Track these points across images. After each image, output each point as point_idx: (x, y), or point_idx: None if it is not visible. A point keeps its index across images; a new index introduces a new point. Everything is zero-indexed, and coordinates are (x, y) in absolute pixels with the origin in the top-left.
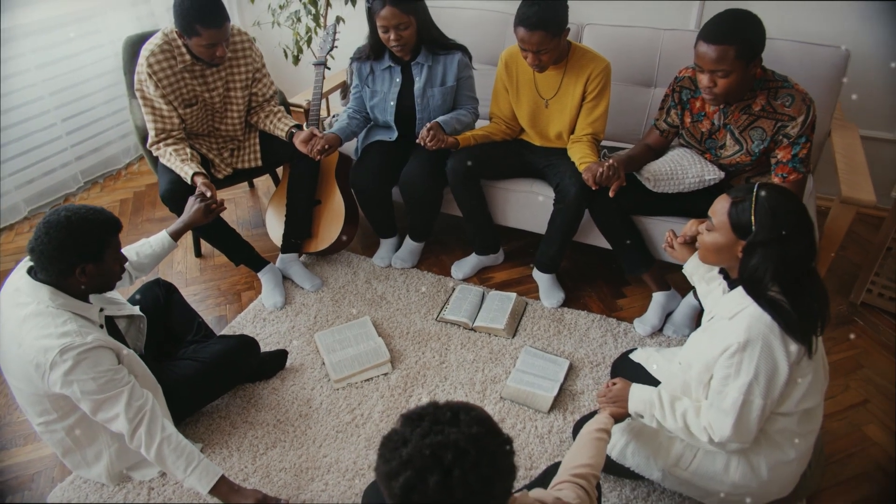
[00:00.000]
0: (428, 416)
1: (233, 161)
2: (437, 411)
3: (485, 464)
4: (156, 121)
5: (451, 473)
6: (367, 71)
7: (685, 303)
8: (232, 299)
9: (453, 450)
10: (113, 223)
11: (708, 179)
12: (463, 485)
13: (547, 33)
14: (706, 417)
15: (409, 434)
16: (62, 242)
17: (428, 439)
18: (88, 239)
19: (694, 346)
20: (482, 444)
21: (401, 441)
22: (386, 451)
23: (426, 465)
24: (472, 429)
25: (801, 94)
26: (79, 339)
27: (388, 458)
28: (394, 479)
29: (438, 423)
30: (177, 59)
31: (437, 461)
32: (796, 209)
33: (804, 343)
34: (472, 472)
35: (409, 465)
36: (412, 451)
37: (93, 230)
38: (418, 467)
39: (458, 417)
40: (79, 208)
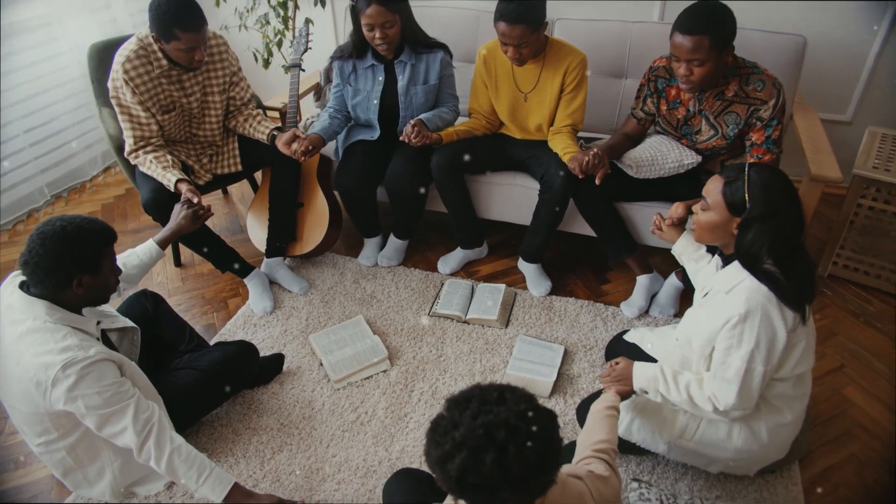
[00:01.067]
0: (475, 397)
1: (212, 167)
2: (483, 392)
3: (536, 438)
4: (133, 128)
5: (506, 451)
6: (349, 69)
7: (668, 284)
8: (219, 307)
9: (505, 427)
10: (109, 232)
11: (687, 164)
12: (518, 460)
13: (527, 27)
14: (710, 388)
15: (458, 417)
16: (59, 253)
17: (479, 419)
18: (85, 249)
19: (690, 321)
20: (532, 419)
21: (451, 424)
22: (437, 435)
23: (480, 445)
24: (520, 406)
25: (772, 79)
26: (81, 353)
27: (440, 443)
28: (449, 462)
29: (487, 404)
30: (153, 64)
31: (491, 440)
32: (786, 185)
33: (799, 311)
34: (525, 447)
35: (463, 446)
36: (465, 432)
37: (90, 240)
38: (473, 447)
39: (505, 396)
40: (73, 218)
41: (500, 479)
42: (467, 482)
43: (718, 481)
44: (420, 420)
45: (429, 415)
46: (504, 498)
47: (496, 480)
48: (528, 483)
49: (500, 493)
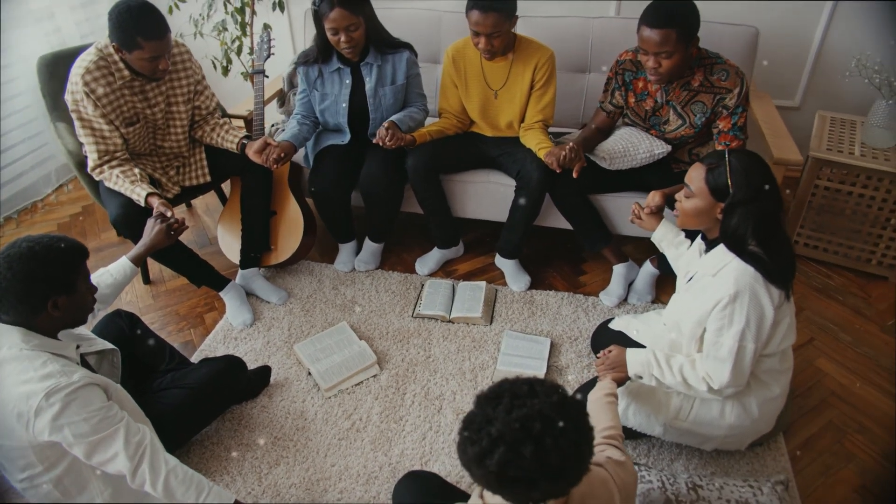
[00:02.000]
0: (506, 392)
1: (180, 179)
2: (514, 386)
3: (571, 428)
4: (97, 143)
5: (543, 442)
6: (315, 74)
7: (644, 271)
8: (195, 323)
9: (540, 419)
10: (81, 249)
11: (657, 153)
12: (556, 451)
13: (500, 16)
14: (703, 368)
15: (491, 412)
16: (30, 276)
17: (514, 413)
18: (58, 268)
19: (678, 306)
20: (565, 409)
21: (485, 420)
22: (471, 433)
23: (518, 438)
24: (553, 397)
25: (734, 69)
26: (64, 379)
27: (475, 440)
28: (488, 458)
29: (519, 397)
30: (115, 75)
31: (528, 432)
32: (765, 168)
33: (784, 288)
34: (561, 437)
35: (500, 441)
36: (501, 427)
37: (61, 258)
38: (510, 441)
39: (535, 388)
40: (40, 237)
41: (539, 471)
42: (507, 476)
43: (712, 458)
44: (416, 422)
45: (424, 416)
46: (542, 489)
47: (535, 472)
48: (566, 472)
49: (539, 485)
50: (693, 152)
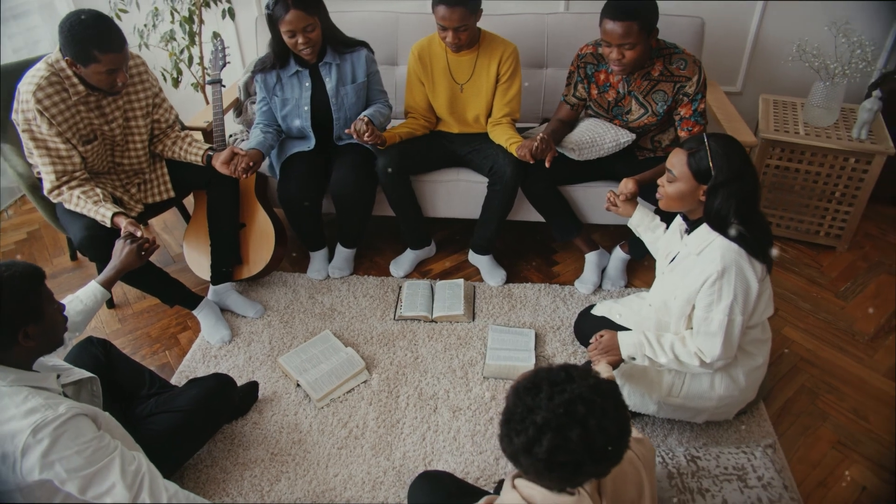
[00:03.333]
0: (543, 380)
1: (142, 196)
2: (550, 374)
3: (611, 408)
4: (54, 163)
5: (588, 425)
6: (273, 80)
7: (615, 257)
8: (169, 344)
9: (582, 402)
10: (36, 271)
11: (623, 142)
12: (600, 431)
13: (466, 9)
14: (695, 344)
15: (532, 402)
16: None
17: (555, 400)
18: (20, 297)
19: (663, 287)
20: (602, 391)
21: (528, 410)
22: (515, 424)
23: (563, 423)
24: (589, 380)
25: (692, 58)
26: (50, 412)
27: (520, 430)
28: (536, 446)
29: (557, 384)
30: (68, 91)
31: (572, 417)
32: (742, 150)
33: (766, 261)
34: (604, 418)
35: (546, 428)
36: (546, 414)
37: (20, 286)
38: (557, 427)
39: (571, 374)
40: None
41: (586, 453)
42: (555, 462)
43: (703, 430)
44: (413, 423)
45: (421, 417)
46: (587, 470)
47: (582, 455)
48: (610, 452)
49: (584, 467)
50: (655, 139)
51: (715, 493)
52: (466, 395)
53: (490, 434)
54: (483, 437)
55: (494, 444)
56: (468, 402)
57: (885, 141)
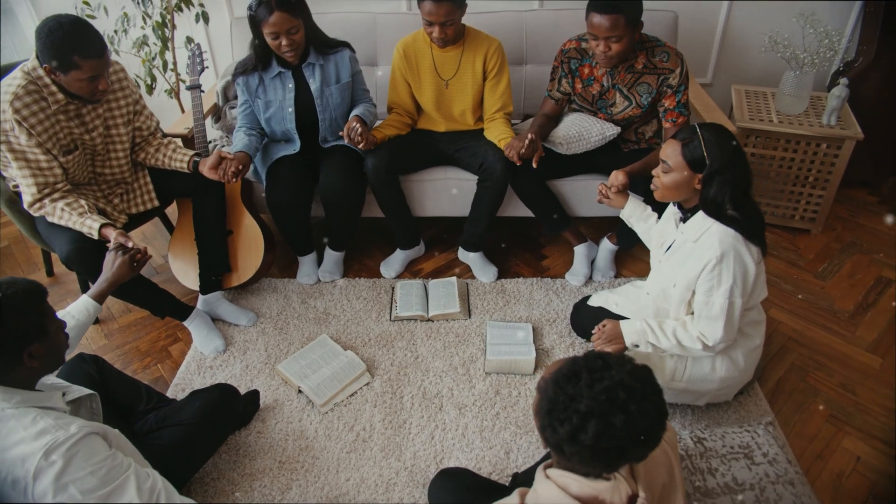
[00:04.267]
0: (582, 369)
1: (125, 207)
2: (588, 362)
3: (649, 392)
4: (34, 175)
5: (629, 409)
6: (255, 83)
7: (602, 248)
8: (160, 357)
9: (622, 388)
10: (38, 288)
11: (608, 135)
12: (641, 415)
13: (453, 4)
14: (697, 328)
15: (573, 391)
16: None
17: (596, 387)
18: (23, 316)
19: (661, 274)
20: (640, 376)
21: (570, 399)
22: (558, 414)
23: (606, 410)
24: (626, 366)
25: (674, 50)
26: (61, 432)
27: (563, 419)
28: (581, 434)
29: (596, 371)
30: (47, 100)
31: (614, 403)
32: (733, 138)
33: (761, 244)
34: (644, 402)
35: (590, 415)
36: (589, 402)
37: (23, 304)
38: (600, 414)
39: (608, 361)
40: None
41: (629, 438)
42: (600, 448)
43: (703, 412)
44: (420, 423)
45: (427, 416)
46: (629, 455)
47: (625, 440)
48: (651, 435)
49: (628, 451)
50: (638, 131)
51: (724, 472)
52: (470, 391)
53: (498, 429)
54: (491, 432)
55: (503, 438)
56: (473, 399)
57: (853, 126)
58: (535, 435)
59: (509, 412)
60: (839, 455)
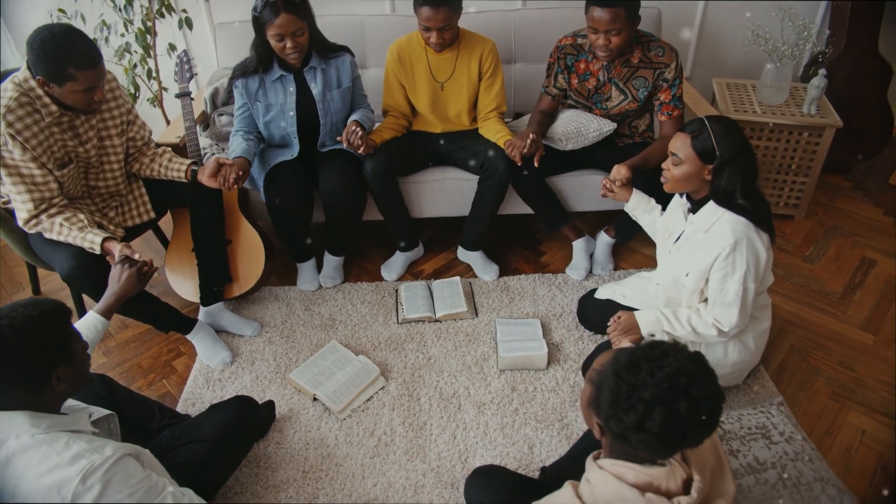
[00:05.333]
0: (641, 358)
1: (121, 220)
2: (645, 352)
3: (707, 376)
4: (30, 191)
5: (691, 395)
6: (255, 86)
7: (600, 242)
8: (164, 373)
9: (683, 375)
10: (63, 307)
11: (605, 130)
12: (703, 400)
13: (450, 9)
14: (711, 314)
15: (635, 380)
16: (24, 357)
17: (658, 375)
18: (51, 339)
19: (671, 265)
20: (697, 361)
21: (633, 388)
22: (622, 403)
23: (670, 397)
24: (683, 353)
25: (668, 45)
26: (97, 456)
27: (628, 408)
28: (648, 422)
29: (655, 360)
30: (41, 112)
31: (677, 389)
32: (739, 129)
33: (770, 231)
34: (703, 386)
35: (655, 403)
36: (652, 390)
37: (50, 326)
38: (664, 401)
39: (665, 349)
40: (10, 311)
41: (692, 423)
42: (666, 434)
43: None
44: (441, 423)
45: (446, 416)
46: (691, 439)
47: (689, 425)
48: (712, 418)
49: (690, 436)
50: (632, 125)
51: (745, 453)
52: (487, 389)
53: (518, 424)
54: (512, 428)
55: (525, 433)
56: (490, 396)
57: (832, 115)
58: (557, 428)
59: (527, 407)
60: (845, 430)
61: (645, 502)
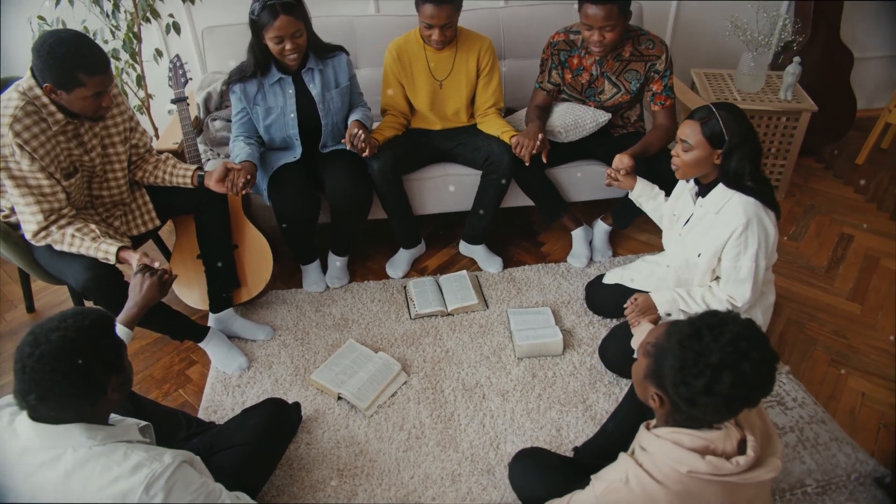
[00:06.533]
0: (703, 327)
1: (126, 229)
2: (705, 320)
3: (763, 339)
4: (39, 202)
5: (752, 357)
6: (254, 89)
7: (598, 230)
8: (180, 382)
9: (742, 339)
10: (107, 317)
11: (601, 121)
12: (763, 361)
13: (452, 7)
14: (725, 291)
15: (700, 346)
16: (80, 369)
17: (721, 341)
18: (104, 348)
19: (682, 246)
20: (751, 326)
21: (699, 355)
22: (691, 370)
23: (734, 359)
24: (738, 318)
25: (658, 38)
26: (157, 464)
27: (697, 373)
28: (717, 384)
29: (715, 327)
30: (47, 121)
31: (739, 352)
32: (744, 114)
33: (776, 209)
34: (762, 348)
35: (723, 366)
36: (720, 354)
37: (100, 335)
38: (731, 363)
39: (722, 317)
40: (60, 322)
41: (756, 383)
42: (733, 396)
43: None
44: (468, 413)
45: (473, 406)
46: (752, 400)
47: (753, 386)
48: (771, 379)
49: (753, 397)
50: (624, 116)
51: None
52: (507, 377)
53: (543, 409)
54: (538, 412)
55: (551, 417)
56: (512, 384)
57: (806, 100)
58: (581, 410)
59: (550, 392)
60: (847, 394)
61: (706, 464)
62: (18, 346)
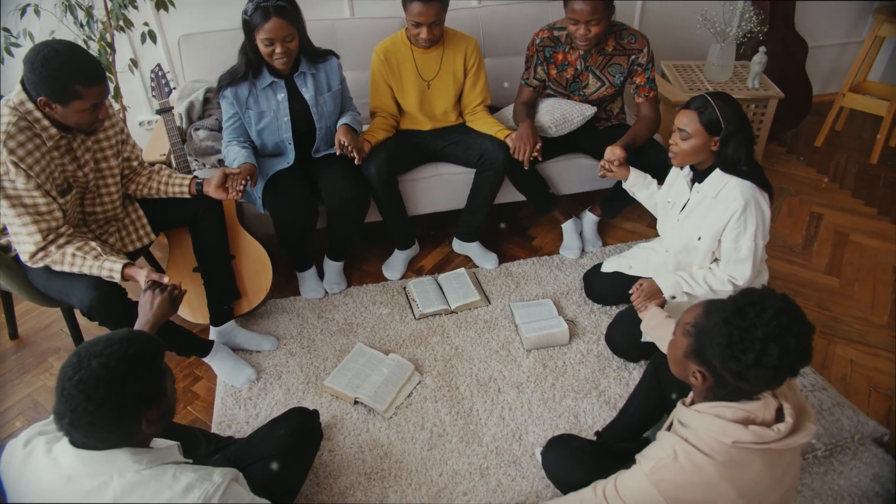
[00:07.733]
0: (745, 304)
1: (121, 245)
2: (746, 297)
3: (800, 313)
4: (36, 221)
5: (794, 330)
6: (245, 93)
7: (587, 221)
8: (187, 399)
9: (783, 313)
10: (156, 345)
11: (587, 114)
12: (803, 334)
13: (440, 4)
14: (726, 271)
15: (745, 323)
16: (117, 400)
17: (765, 316)
18: (145, 380)
19: (680, 231)
20: (789, 301)
21: (745, 331)
22: (737, 345)
23: (779, 333)
24: (776, 295)
25: (639, 32)
26: (208, 484)
27: (746, 348)
28: (765, 357)
29: (757, 304)
30: (41, 136)
31: (783, 326)
32: (737, 103)
33: (770, 190)
34: (801, 323)
35: (769, 339)
36: (765, 328)
37: (144, 366)
38: (776, 337)
39: (761, 293)
40: (106, 346)
41: (799, 355)
42: (781, 366)
43: None
44: (486, 407)
45: (490, 400)
46: (794, 370)
47: (795, 358)
48: (811, 350)
49: (796, 367)
50: (607, 109)
51: None
52: (519, 370)
53: (559, 398)
54: (554, 401)
55: (567, 405)
56: (525, 376)
57: (773, 87)
58: (595, 395)
59: (563, 381)
60: (837, 362)
61: (750, 433)
62: (63, 365)
